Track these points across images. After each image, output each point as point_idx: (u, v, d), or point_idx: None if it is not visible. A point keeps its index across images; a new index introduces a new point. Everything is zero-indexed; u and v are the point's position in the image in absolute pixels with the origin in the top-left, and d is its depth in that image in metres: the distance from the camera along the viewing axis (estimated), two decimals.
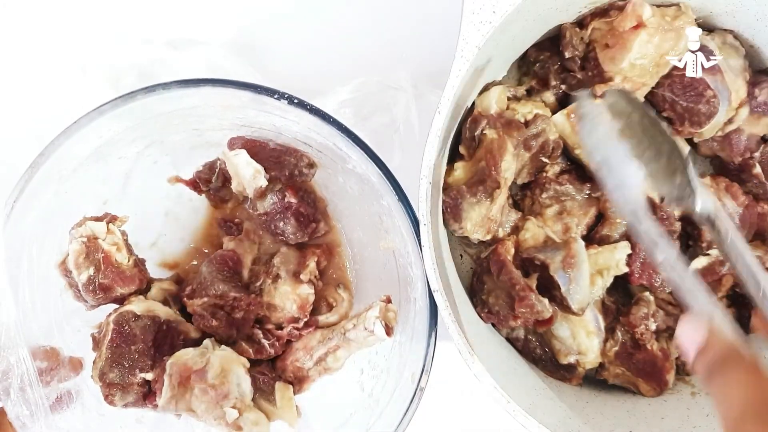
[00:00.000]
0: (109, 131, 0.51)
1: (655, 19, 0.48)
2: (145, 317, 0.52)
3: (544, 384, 0.53)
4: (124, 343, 0.51)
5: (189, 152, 0.58)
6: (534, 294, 0.48)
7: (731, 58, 0.50)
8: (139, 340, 0.51)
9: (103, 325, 0.52)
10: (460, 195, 0.50)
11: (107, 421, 0.53)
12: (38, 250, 0.51)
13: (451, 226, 0.51)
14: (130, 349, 0.51)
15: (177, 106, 0.52)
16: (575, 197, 0.54)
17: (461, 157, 0.53)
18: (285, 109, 0.49)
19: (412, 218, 0.48)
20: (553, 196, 0.54)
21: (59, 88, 0.60)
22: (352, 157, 0.50)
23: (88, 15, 0.62)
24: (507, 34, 0.47)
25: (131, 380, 0.51)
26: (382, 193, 0.51)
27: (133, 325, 0.51)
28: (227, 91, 0.49)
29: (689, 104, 0.50)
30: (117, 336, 0.51)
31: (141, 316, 0.51)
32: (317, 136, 0.52)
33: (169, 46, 0.61)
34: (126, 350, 0.51)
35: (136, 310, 0.52)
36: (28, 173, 0.48)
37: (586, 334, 0.52)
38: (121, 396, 0.51)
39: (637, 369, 0.53)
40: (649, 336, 0.52)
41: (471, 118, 0.51)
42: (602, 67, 0.50)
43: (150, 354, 0.52)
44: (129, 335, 0.51)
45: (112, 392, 0.51)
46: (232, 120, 0.55)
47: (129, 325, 0.51)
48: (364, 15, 0.62)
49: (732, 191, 0.53)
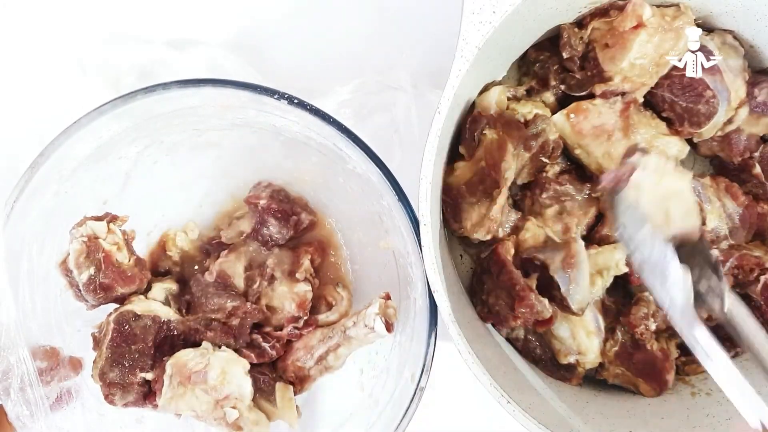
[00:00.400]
0: (109, 131, 0.51)
1: (655, 19, 0.48)
2: (146, 317, 0.52)
3: (544, 384, 0.53)
4: (125, 343, 0.51)
5: (189, 152, 0.58)
6: (534, 294, 0.48)
7: (731, 58, 0.50)
8: (140, 339, 0.51)
9: (103, 324, 0.52)
10: (460, 195, 0.50)
11: (107, 422, 0.53)
12: (38, 250, 0.51)
13: (451, 226, 0.51)
14: (131, 349, 0.51)
15: (177, 106, 0.52)
16: (575, 197, 0.54)
17: (461, 157, 0.53)
18: (285, 109, 0.49)
19: (412, 218, 0.48)
20: (553, 196, 0.53)
21: (59, 88, 0.60)
22: (352, 157, 0.50)
23: (88, 15, 0.62)
24: (507, 35, 0.48)
25: (131, 380, 0.51)
26: (382, 193, 0.51)
27: (133, 324, 0.51)
28: (227, 91, 0.49)
29: (689, 104, 0.50)
30: (117, 335, 0.51)
31: (141, 315, 0.51)
32: (317, 136, 0.52)
33: (169, 46, 0.61)
34: (126, 350, 0.51)
35: (136, 309, 0.52)
36: (28, 173, 0.48)
37: (586, 334, 0.52)
38: (122, 395, 0.51)
39: (637, 369, 0.53)
40: (649, 336, 0.52)
41: (471, 118, 0.51)
42: (602, 66, 0.50)
43: (150, 354, 0.52)
44: (129, 335, 0.51)
45: (112, 392, 0.51)
46: (232, 120, 0.55)
47: (129, 324, 0.51)
48: (364, 15, 0.62)
49: (732, 191, 0.53)
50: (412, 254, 0.49)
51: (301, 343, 0.55)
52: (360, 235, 0.59)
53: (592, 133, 0.51)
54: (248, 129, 0.55)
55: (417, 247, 0.47)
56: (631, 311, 0.53)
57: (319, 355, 0.54)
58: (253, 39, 0.63)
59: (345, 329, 0.53)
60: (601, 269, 0.51)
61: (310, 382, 0.55)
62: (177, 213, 0.60)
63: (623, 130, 0.51)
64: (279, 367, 0.55)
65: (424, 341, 0.48)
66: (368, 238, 0.58)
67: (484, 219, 0.50)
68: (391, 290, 0.53)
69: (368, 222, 0.57)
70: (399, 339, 0.55)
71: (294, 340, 0.55)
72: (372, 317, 0.50)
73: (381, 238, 0.57)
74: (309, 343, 0.54)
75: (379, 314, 0.50)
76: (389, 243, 0.56)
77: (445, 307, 0.45)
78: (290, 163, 0.58)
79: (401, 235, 0.51)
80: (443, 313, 0.45)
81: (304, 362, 0.54)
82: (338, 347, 0.53)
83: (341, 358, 0.54)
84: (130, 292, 0.53)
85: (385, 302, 0.51)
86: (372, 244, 0.58)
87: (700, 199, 0.52)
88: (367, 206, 0.56)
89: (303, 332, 0.55)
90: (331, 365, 0.54)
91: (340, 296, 0.57)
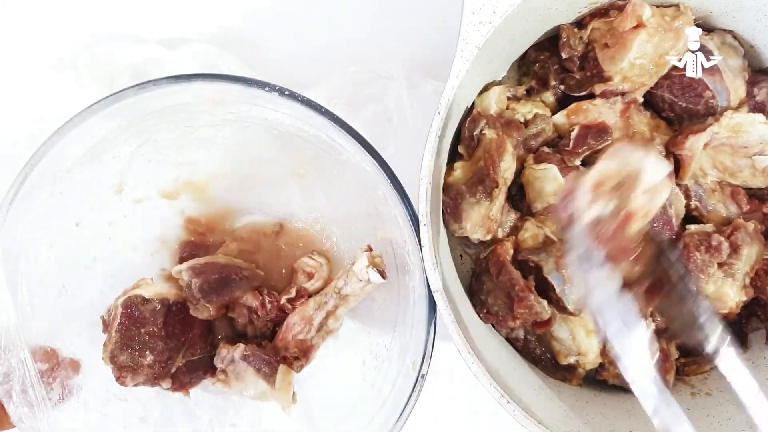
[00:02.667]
0: (101, 130, 0.51)
1: (654, 19, 0.48)
2: (155, 300, 0.52)
3: (544, 384, 0.53)
4: (134, 326, 0.51)
5: (182, 150, 0.57)
6: (533, 295, 0.48)
7: (730, 58, 0.50)
8: (149, 322, 0.52)
9: (111, 308, 0.53)
10: (459, 195, 0.50)
11: (110, 421, 0.54)
12: (35, 251, 0.51)
13: (451, 226, 0.51)
14: (140, 332, 0.52)
15: (168, 103, 0.51)
16: None
17: (461, 157, 0.53)
18: (277, 101, 0.48)
19: (408, 207, 0.48)
20: None
21: (53, 88, 0.59)
22: (345, 147, 0.50)
23: (81, 15, 0.62)
24: (507, 35, 0.47)
25: (141, 362, 0.51)
26: (377, 183, 0.51)
27: (141, 308, 0.52)
28: (218, 85, 0.49)
29: (688, 105, 0.50)
30: (126, 320, 0.51)
31: (150, 299, 0.52)
32: (310, 128, 0.52)
33: (162, 45, 0.60)
34: (136, 333, 0.52)
35: (144, 294, 0.52)
36: (22, 174, 0.48)
37: (586, 334, 0.52)
38: (132, 377, 0.52)
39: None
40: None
41: (470, 118, 0.51)
42: (601, 66, 0.50)
43: (161, 336, 0.52)
44: (138, 318, 0.52)
45: (123, 374, 0.51)
46: (225, 116, 0.55)
47: (138, 309, 0.52)
48: (354, 6, 0.62)
49: (737, 198, 0.52)
50: (409, 243, 0.49)
51: (297, 317, 0.55)
52: (358, 227, 0.59)
53: None
54: (241, 124, 0.55)
55: (414, 236, 0.47)
56: None
57: (319, 322, 0.55)
58: (244, 34, 0.62)
59: (338, 290, 0.54)
60: None
61: (315, 350, 0.56)
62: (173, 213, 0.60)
63: (623, 130, 0.51)
64: (280, 347, 0.56)
65: (424, 329, 0.48)
66: (365, 229, 0.58)
67: (484, 219, 0.50)
68: (390, 279, 0.53)
69: (364, 213, 0.57)
70: (399, 329, 0.55)
71: (288, 312, 0.56)
72: (364, 271, 0.52)
73: (378, 228, 0.57)
74: (306, 314, 0.55)
75: (369, 266, 0.52)
76: (386, 233, 0.56)
77: (445, 308, 0.45)
78: (284, 157, 0.58)
79: (398, 225, 0.51)
80: (443, 313, 0.45)
81: (305, 334, 0.55)
82: (336, 309, 0.55)
83: (340, 318, 0.55)
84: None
85: (370, 254, 0.53)
86: (369, 234, 0.58)
87: (699, 204, 0.52)
88: (363, 197, 0.56)
89: (296, 304, 0.56)
90: (331, 329, 0.55)
91: (318, 263, 0.58)
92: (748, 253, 0.49)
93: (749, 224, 0.50)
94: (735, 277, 0.49)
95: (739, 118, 0.48)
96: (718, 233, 0.49)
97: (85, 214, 0.55)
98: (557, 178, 0.50)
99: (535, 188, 0.52)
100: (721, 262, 0.48)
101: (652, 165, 0.41)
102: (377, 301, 0.58)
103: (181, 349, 0.54)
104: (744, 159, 0.50)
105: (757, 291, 0.51)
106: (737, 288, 0.49)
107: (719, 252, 0.48)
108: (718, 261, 0.48)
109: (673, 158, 0.51)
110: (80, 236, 0.55)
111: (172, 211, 0.60)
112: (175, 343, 0.53)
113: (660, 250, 0.43)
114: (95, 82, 0.59)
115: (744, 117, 0.48)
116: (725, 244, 0.48)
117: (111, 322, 0.52)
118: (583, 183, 0.41)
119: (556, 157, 0.51)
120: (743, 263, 0.49)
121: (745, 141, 0.48)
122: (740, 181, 0.51)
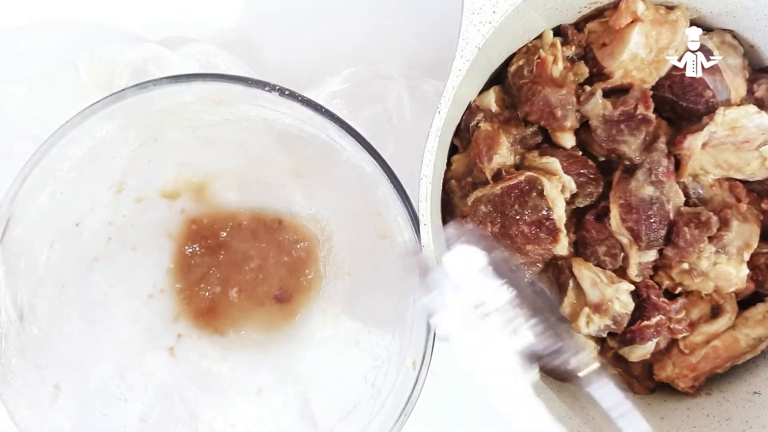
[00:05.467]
0: (101, 130, 0.51)
1: (649, 12, 0.48)
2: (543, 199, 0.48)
3: (544, 384, 0.53)
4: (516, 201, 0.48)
5: (182, 150, 0.57)
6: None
7: (730, 57, 0.50)
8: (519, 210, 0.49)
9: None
10: (451, 191, 0.50)
11: (110, 421, 0.54)
12: (35, 251, 0.51)
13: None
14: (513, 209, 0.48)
15: (169, 103, 0.51)
16: None
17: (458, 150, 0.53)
18: (277, 101, 0.48)
19: (407, 206, 0.48)
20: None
21: (53, 88, 0.60)
22: (345, 147, 0.50)
23: (81, 15, 0.62)
24: (507, 34, 0.47)
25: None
26: (377, 183, 0.51)
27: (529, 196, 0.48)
28: (218, 85, 0.48)
29: (689, 105, 0.50)
30: (518, 191, 0.48)
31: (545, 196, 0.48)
32: (310, 128, 0.52)
33: (162, 45, 0.61)
34: (509, 203, 0.49)
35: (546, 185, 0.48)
36: (22, 174, 0.48)
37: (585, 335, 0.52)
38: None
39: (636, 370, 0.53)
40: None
41: (468, 111, 0.51)
42: (601, 64, 0.50)
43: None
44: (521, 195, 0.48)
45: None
46: (225, 116, 0.55)
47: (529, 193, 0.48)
48: (354, 6, 0.62)
49: (736, 192, 0.52)
50: (410, 242, 0.49)
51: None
52: (358, 226, 0.59)
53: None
54: (241, 124, 0.55)
55: (414, 235, 0.47)
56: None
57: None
58: (244, 34, 0.62)
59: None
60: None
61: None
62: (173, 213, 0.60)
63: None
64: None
65: (423, 329, 0.48)
66: (366, 229, 0.58)
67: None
68: (390, 279, 0.53)
69: (365, 213, 0.57)
70: (399, 328, 0.55)
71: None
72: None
73: (378, 228, 0.57)
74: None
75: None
76: (387, 232, 0.56)
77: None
78: (284, 157, 0.58)
79: (398, 225, 0.51)
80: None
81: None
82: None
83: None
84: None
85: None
86: (370, 234, 0.58)
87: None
88: (363, 197, 0.56)
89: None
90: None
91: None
92: (739, 228, 0.49)
93: (741, 205, 0.50)
94: (728, 251, 0.48)
95: (733, 113, 0.47)
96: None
97: (85, 214, 0.55)
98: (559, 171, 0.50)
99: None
100: (711, 236, 0.48)
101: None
102: (377, 301, 0.58)
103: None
104: (749, 153, 0.49)
105: (757, 286, 0.51)
106: (735, 263, 0.49)
107: (708, 226, 0.47)
108: (708, 234, 0.48)
109: (674, 158, 0.51)
110: (80, 236, 0.55)
111: (172, 211, 0.60)
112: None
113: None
114: (95, 81, 0.59)
115: (737, 111, 0.48)
116: (714, 218, 0.48)
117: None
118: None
119: (560, 152, 0.51)
120: (734, 236, 0.48)
121: (746, 135, 0.48)
122: (747, 175, 0.51)
